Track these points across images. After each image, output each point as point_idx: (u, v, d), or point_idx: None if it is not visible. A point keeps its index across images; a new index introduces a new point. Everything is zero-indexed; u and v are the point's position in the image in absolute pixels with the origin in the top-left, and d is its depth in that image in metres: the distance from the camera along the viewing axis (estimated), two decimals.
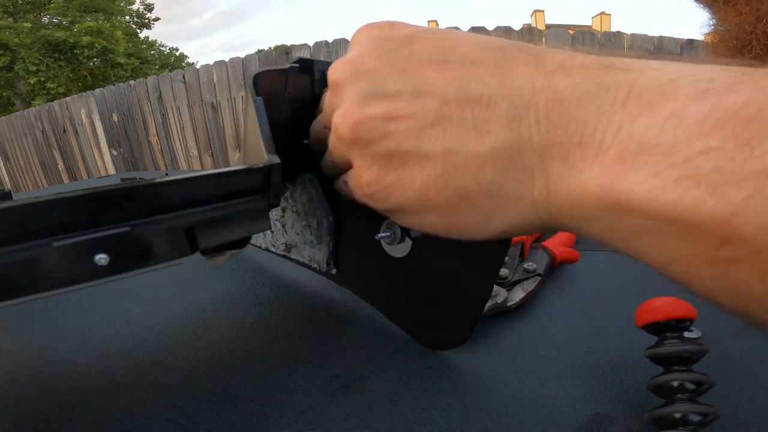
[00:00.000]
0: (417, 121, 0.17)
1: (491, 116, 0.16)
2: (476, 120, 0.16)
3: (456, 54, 0.18)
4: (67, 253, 0.17)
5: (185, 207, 0.21)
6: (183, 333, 0.31)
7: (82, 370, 0.28)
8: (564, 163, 0.15)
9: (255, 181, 0.23)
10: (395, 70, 0.18)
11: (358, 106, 0.19)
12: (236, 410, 0.23)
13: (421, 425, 0.22)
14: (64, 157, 3.43)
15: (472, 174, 0.17)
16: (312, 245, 0.34)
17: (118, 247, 0.18)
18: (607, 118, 0.14)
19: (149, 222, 0.19)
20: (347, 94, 0.19)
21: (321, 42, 2.16)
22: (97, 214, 0.18)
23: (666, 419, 0.19)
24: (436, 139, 0.17)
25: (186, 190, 0.21)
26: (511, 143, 0.16)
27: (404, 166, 0.18)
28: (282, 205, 0.35)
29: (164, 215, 0.20)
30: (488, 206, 0.17)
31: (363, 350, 0.28)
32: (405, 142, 0.18)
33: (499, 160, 0.16)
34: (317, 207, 0.32)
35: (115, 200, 0.18)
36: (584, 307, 0.32)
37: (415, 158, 0.18)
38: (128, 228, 0.19)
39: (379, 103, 0.18)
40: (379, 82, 0.18)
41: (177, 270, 0.26)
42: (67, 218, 0.17)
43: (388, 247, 0.28)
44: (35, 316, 0.35)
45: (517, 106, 0.16)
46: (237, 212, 0.23)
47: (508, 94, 0.16)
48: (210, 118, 2.58)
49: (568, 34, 1.85)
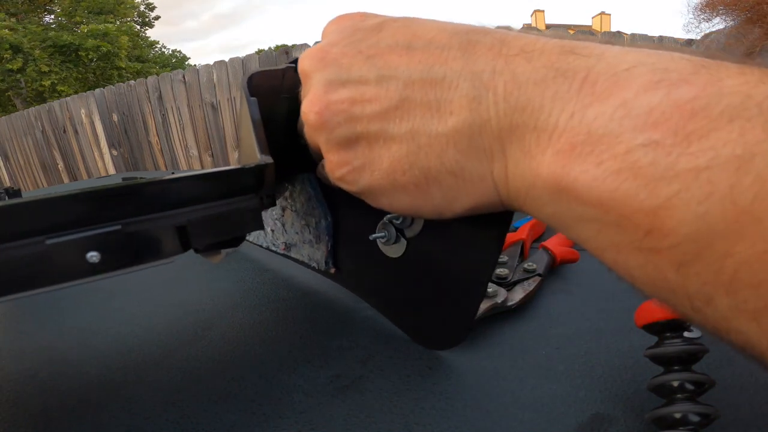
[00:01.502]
0: (381, 103, 0.18)
1: (453, 97, 0.16)
2: (439, 101, 0.17)
3: (421, 40, 0.18)
4: (60, 251, 0.18)
5: (178, 206, 0.21)
6: (183, 333, 0.31)
7: (82, 370, 0.28)
8: (520, 147, 0.15)
9: (247, 180, 0.23)
10: (361, 57, 0.19)
11: (324, 92, 0.19)
12: (236, 410, 0.23)
13: (421, 425, 0.22)
14: (64, 157, 3.43)
15: (436, 154, 0.17)
16: (311, 244, 0.34)
17: (110, 245, 0.19)
18: (561, 104, 0.14)
19: (141, 221, 0.20)
20: (315, 81, 0.20)
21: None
22: (89, 212, 0.18)
23: (666, 419, 0.19)
24: (400, 120, 0.18)
25: (179, 190, 0.21)
26: (471, 124, 0.16)
27: (370, 148, 0.19)
28: (282, 204, 0.35)
29: (157, 214, 0.20)
30: (453, 185, 0.18)
31: (363, 350, 0.28)
32: (370, 124, 0.18)
33: (461, 141, 0.17)
34: (315, 206, 0.32)
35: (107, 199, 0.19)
36: (584, 307, 0.32)
37: (381, 140, 0.18)
38: (119, 226, 0.19)
39: (345, 88, 0.19)
40: (345, 69, 0.19)
41: (177, 270, 0.26)
42: (60, 217, 0.18)
43: (384, 248, 0.28)
44: (35, 315, 0.35)
45: (478, 87, 0.16)
46: (229, 211, 0.23)
47: (469, 75, 0.16)
48: (210, 118, 2.58)
49: (568, 34, 1.85)
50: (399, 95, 0.17)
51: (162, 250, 0.21)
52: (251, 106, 0.24)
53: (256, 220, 0.25)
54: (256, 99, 0.24)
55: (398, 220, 0.26)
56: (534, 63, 0.15)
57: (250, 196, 0.24)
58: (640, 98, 0.13)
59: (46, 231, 0.17)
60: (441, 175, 0.17)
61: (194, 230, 0.22)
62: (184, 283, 0.40)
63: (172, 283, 0.40)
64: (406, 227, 0.26)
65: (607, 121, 0.13)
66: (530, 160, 0.15)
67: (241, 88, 0.25)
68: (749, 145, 0.11)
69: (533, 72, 0.15)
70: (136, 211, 0.20)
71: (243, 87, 0.24)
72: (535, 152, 0.15)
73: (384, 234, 0.27)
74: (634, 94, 0.13)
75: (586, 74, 0.14)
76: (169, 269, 0.20)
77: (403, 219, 0.26)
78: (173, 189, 0.21)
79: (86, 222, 0.18)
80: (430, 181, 0.18)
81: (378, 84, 0.18)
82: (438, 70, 0.17)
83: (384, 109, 0.18)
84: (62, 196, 0.17)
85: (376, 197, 0.20)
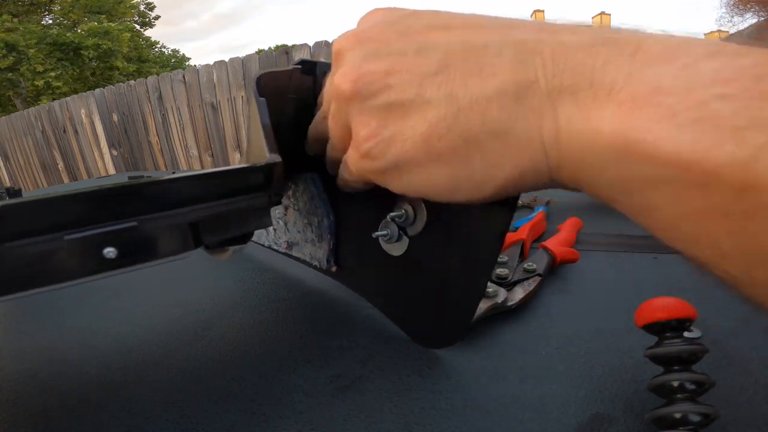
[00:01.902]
0: (420, 70, 0.17)
1: (496, 62, 0.16)
2: (481, 65, 0.16)
3: (458, 21, 0.18)
4: (78, 247, 0.18)
5: (190, 203, 0.21)
6: (183, 333, 0.31)
7: (82, 370, 0.28)
8: (575, 103, 0.14)
9: (257, 178, 0.23)
10: (398, 34, 0.18)
11: (360, 64, 0.19)
12: (236, 410, 0.23)
13: (421, 425, 0.22)
14: (64, 157, 3.43)
15: (478, 115, 0.16)
16: (313, 243, 0.34)
17: (126, 241, 0.19)
18: (615, 66, 0.13)
19: (156, 218, 0.20)
20: (350, 56, 0.19)
21: (321, 42, 2.16)
22: (106, 209, 0.19)
23: (666, 419, 0.19)
24: (438, 86, 0.17)
25: (191, 187, 0.21)
26: (517, 83, 0.15)
27: (405, 117, 0.18)
28: (284, 203, 0.35)
29: (170, 211, 0.21)
30: (496, 148, 0.16)
31: (363, 350, 0.28)
32: (406, 91, 0.17)
33: (506, 101, 0.16)
34: (318, 206, 0.32)
35: (123, 197, 0.19)
36: (584, 307, 0.32)
37: (417, 106, 0.17)
38: (135, 223, 0.19)
39: (381, 60, 0.18)
40: (384, 44, 0.18)
41: (178, 269, 0.26)
42: (78, 213, 0.18)
43: (386, 246, 0.28)
44: (36, 315, 0.35)
45: (522, 52, 0.16)
46: (239, 209, 0.23)
47: (512, 43, 0.16)
48: (210, 118, 2.58)
49: None
50: (438, 63, 0.17)
51: (176, 246, 0.21)
52: (260, 107, 0.24)
53: (264, 217, 0.25)
54: (265, 99, 0.24)
55: (401, 218, 0.26)
56: (579, 36, 0.15)
57: (259, 194, 0.24)
58: (701, 63, 0.12)
59: (64, 227, 0.18)
60: (483, 138, 0.16)
61: (205, 227, 0.22)
62: (184, 283, 0.40)
63: (172, 283, 0.40)
64: (409, 225, 0.26)
65: (672, 78, 0.12)
66: (587, 115, 0.14)
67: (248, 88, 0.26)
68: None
69: (581, 41, 0.15)
70: (150, 208, 0.20)
71: (252, 87, 0.25)
72: (593, 107, 0.14)
73: (386, 232, 0.27)
74: (694, 59, 0.12)
75: (637, 44, 0.13)
76: (169, 269, 0.20)
77: (406, 217, 0.26)
78: (187, 187, 0.21)
79: (103, 219, 0.19)
80: (471, 144, 0.17)
81: (417, 55, 0.17)
82: (479, 41, 0.16)
83: (422, 75, 0.17)
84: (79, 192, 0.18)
85: (406, 173, 0.19)
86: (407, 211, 0.26)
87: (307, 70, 0.28)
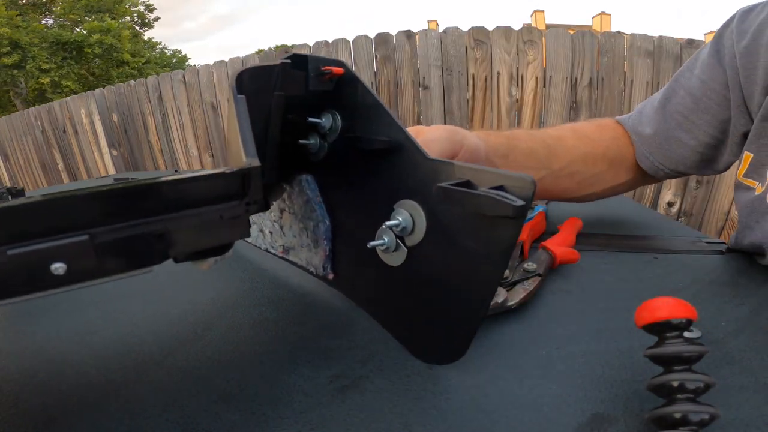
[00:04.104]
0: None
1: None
2: None
3: None
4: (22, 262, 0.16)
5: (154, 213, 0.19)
6: (183, 333, 0.31)
7: (82, 370, 0.28)
8: None
9: (231, 186, 0.21)
10: None
11: None
12: (236, 410, 0.23)
13: (421, 425, 0.22)
14: (64, 157, 3.42)
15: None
16: (309, 248, 0.33)
17: (76, 255, 0.17)
18: None
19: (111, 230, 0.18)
20: None
21: (321, 42, 2.16)
22: (55, 221, 0.17)
23: (666, 419, 0.19)
24: None
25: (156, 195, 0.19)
26: None
27: None
28: (279, 206, 0.35)
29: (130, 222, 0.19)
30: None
31: (363, 350, 0.28)
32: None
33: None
34: (314, 209, 0.31)
35: (73, 206, 0.17)
36: (584, 307, 0.32)
37: None
38: (86, 237, 0.18)
39: None
40: None
41: (177, 270, 0.26)
42: (23, 226, 0.16)
43: (384, 255, 0.27)
44: (35, 316, 0.35)
45: None
46: (211, 219, 0.21)
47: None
48: (210, 118, 2.57)
49: (568, 34, 1.85)
50: None
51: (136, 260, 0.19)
52: (239, 105, 0.22)
53: (241, 227, 0.23)
54: (244, 96, 0.22)
55: (398, 228, 0.25)
56: None
57: (234, 202, 0.22)
58: None
59: (7, 241, 0.16)
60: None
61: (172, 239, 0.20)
62: (183, 283, 0.40)
63: (172, 283, 0.40)
64: (407, 235, 0.25)
65: None
66: None
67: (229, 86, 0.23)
68: None
69: None
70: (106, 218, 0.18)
71: (231, 85, 0.23)
72: None
73: (383, 241, 0.26)
74: None
75: None
76: (169, 269, 0.20)
77: (403, 227, 0.25)
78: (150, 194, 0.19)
79: (52, 231, 0.17)
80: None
81: None
82: None
83: None
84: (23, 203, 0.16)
85: None
86: (405, 220, 0.25)
87: (298, 65, 0.27)
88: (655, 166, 0.52)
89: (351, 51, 2.06)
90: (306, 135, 0.31)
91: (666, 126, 0.50)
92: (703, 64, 0.47)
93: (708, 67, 0.46)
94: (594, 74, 1.85)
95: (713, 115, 0.46)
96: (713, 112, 0.46)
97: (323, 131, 0.30)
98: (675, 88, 0.50)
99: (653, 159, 0.52)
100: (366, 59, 2.04)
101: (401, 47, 1.99)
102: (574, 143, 0.51)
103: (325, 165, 0.31)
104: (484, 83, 1.93)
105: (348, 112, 0.29)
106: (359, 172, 0.29)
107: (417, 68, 1.99)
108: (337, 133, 0.30)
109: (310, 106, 0.30)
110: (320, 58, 0.28)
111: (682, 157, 0.50)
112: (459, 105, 1.98)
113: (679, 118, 0.49)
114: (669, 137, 0.50)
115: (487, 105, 1.95)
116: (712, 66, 0.46)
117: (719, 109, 0.46)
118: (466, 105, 1.98)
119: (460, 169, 0.22)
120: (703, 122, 0.47)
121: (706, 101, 0.46)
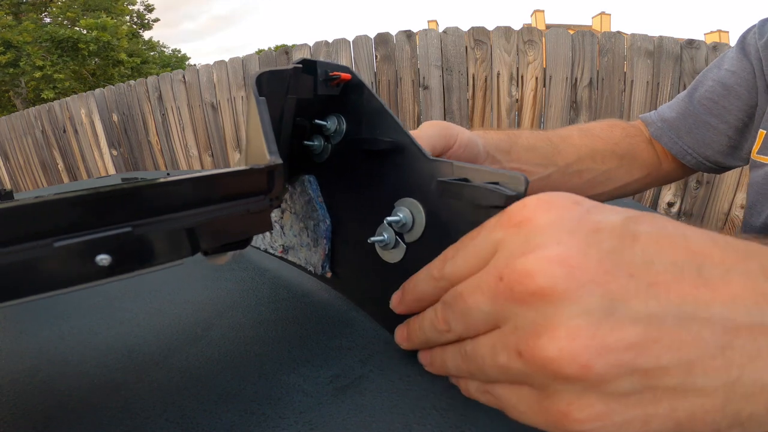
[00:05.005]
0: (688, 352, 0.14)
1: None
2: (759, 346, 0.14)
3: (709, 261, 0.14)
4: (69, 254, 0.17)
5: (187, 207, 0.20)
6: (183, 333, 0.31)
7: (82, 370, 0.28)
8: None
9: (258, 181, 0.22)
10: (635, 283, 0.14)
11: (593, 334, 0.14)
12: (236, 410, 0.23)
13: (421, 425, 0.22)
14: (64, 157, 3.43)
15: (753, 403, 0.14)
16: (308, 248, 0.33)
17: (120, 247, 0.18)
18: None
19: (151, 222, 0.19)
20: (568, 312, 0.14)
21: (321, 42, 2.16)
22: (98, 214, 0.18)
23: None
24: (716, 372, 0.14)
25: (188, 191, 0.20)
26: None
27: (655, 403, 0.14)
28: (281, 206, 0.35)
29: (166, 216, 0.20)
30: None
31: (363, 350, 0.28)
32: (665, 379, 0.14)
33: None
34: (315, 209, 0.32)
35: (117, 200, 0.18)
36: None
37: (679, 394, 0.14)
38: (130, 228, 0.18)
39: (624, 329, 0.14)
40: (619, 298, 0.14)
41: (177, 270, 0.26)
42: (69, 218, 0.17)
43: (382, 252, 0.27)
44: (35, 316, 0.35)
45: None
46: (239, 213, 0.22)
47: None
48: (210, 118, 2.58)
49: (568, 34, 1.85)
50: (717, 343, 0.14)
51: (172, 252, 0.20)
52: (260, 106, 0.23)
53: (264, 221, 0.24)
54: (265, 99, 0.24)
55: (398, 224, 0.26)
56: None
57: (260, 197, 0.23)
58: None
59: (53, 233, 0.17)
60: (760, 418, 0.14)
61: (203, 232, 0.21)
62: (183, 283, 0.40)
63: (172, 283, 0.40)
64: (406, 232, 0.26)
65: None
66: None
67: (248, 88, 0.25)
68: None
69: None
70: (146, 212, 0.19)
71: (251, 86, 0.24)
72: None
73: (383, 238, 0.27)
74: None
75: None
76: (168, 269, 0.20)
77: (404, 224, 0.26)
78: (183, 190, 0.20)
79: (95, 224, 0.18)
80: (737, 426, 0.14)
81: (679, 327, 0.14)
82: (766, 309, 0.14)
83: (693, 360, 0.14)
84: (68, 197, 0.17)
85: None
86: (405, 216, 0.25)
87: (308, 70, 0.28)
88: (684, 149, 0.54)
89: (351, 51, 2.06)
90: (310, 137, 0.32)
91: (695, 111, 0.53)
92: (731, 59, 0.51)
93: (736, 60, 0.50)
94: (594, 74, 1.85)
95: (743, 101, 0.49)
96: (744, 98, 0.49)
97: (328, 133, 0.31)
98: (702, 80, 0.53)
99: (682, 143, 0.54)
100: (366, 59, 2.04)
101: (401, 47, 1.99)
102: (581, 140, 0.51)
103: (327, 166, 0.32)
104: (484, 83, 1.93)
105: (353, 116, 0.30)
106: (361, 173, 0.30)
107: (417, 68, 1.99)
108: (342, 136, 0.30)
109: (316, 110, 0.31)
110: (329, 64, 0.29)
111: (711, 140, 0.52)
112: (459, 105, 1.98)
113: (708, 104, 0.52)
114: (698, 122, 0.53)
115: (487, 105, 1.96)
116: (740, 59, 0.50)
117: (749, 95, 0.49)
118: (466, 105, 1.98)
119: (459, 168, 0.23)
120: (733, 107, 0.50)
121: (737, 88, 0.49)
